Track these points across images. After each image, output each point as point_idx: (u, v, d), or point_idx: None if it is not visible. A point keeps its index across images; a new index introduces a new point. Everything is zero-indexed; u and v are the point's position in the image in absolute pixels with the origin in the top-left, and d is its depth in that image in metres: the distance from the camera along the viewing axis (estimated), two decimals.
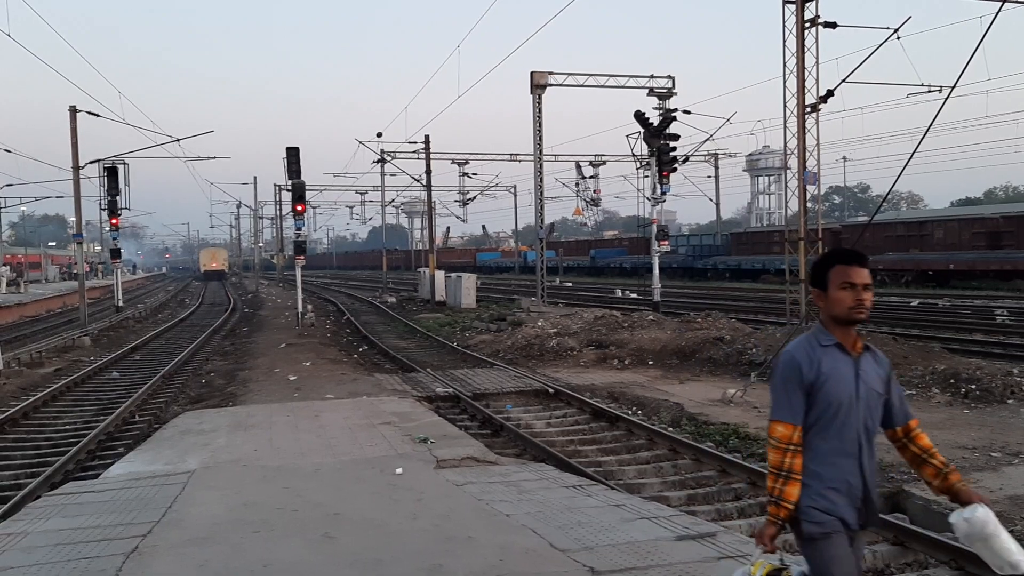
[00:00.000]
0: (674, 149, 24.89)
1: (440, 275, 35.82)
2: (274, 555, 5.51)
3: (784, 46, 17.84)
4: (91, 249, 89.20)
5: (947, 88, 16.37)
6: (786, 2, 17.72)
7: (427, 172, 38.61)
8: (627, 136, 27.38)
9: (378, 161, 45.08)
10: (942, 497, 3.11)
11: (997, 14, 9.82)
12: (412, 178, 43.07)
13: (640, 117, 25.14)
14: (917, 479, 7.80)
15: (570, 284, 50.75)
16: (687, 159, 28.82)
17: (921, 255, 38.86)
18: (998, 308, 24.23)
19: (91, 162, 30.90)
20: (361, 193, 78.19)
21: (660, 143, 24.55)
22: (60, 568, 5.32)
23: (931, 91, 19.65)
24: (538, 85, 29.29)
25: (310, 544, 5.72)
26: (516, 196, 73.02)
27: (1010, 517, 6.66)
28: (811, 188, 18.05)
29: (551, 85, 29.56)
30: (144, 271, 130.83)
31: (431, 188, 39.77)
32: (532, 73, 29.29)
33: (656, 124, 25.11)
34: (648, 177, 25.95)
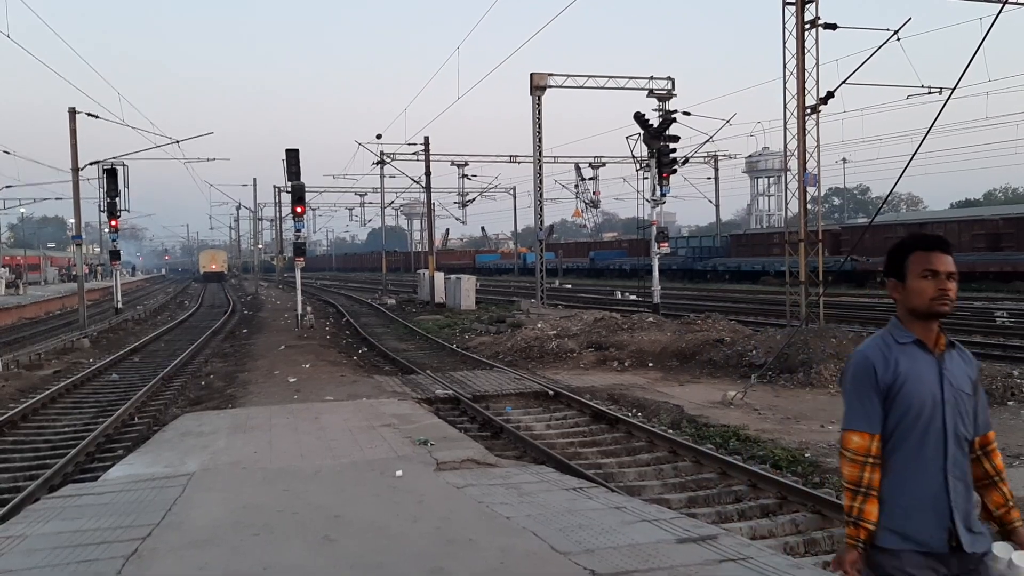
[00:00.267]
0: (674, 151, 24.89)
1: (439, 277, 35.82)
2: (274, 558, 5.49)
3: (784, 47, 17.86)
4: (90, 251, 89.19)
5: (947, 90, 16.35)
6: (786, 3, 17.74)
7: (427, 174, 38.62)
8: (627, 138, 27.36)
9: (378, 163, 45.10)
10: (990, 524, 2.83)
11: (998, 15, 9.82)
12: (412, 180, 43.06)
13: (640, 118, 25.13)
14: None
15: (570, 286, 50.77)
16: (687, 161, 28.82)
17: None
18: (998, 310, 24.24)
19: (90, 164, 30.90)
20: (360, 195, 78.37)
21: (660, 144, 24.55)
22: (59, 571, 5.30)
23: (931, 92, 19.67)
24: (538, 86, 29.31)
25: (310, 547, 5.70)
26: (515, 198, 73.18)
27: None
28: (811, 190, 18.07)
29: (551, 86, 29.58)
30: (143, 273, 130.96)
31: (430, 190, 39.77)
32: (532, 74, 29.32)
33: (656, 125, 25.11)
34: (648, 179, 25.94)
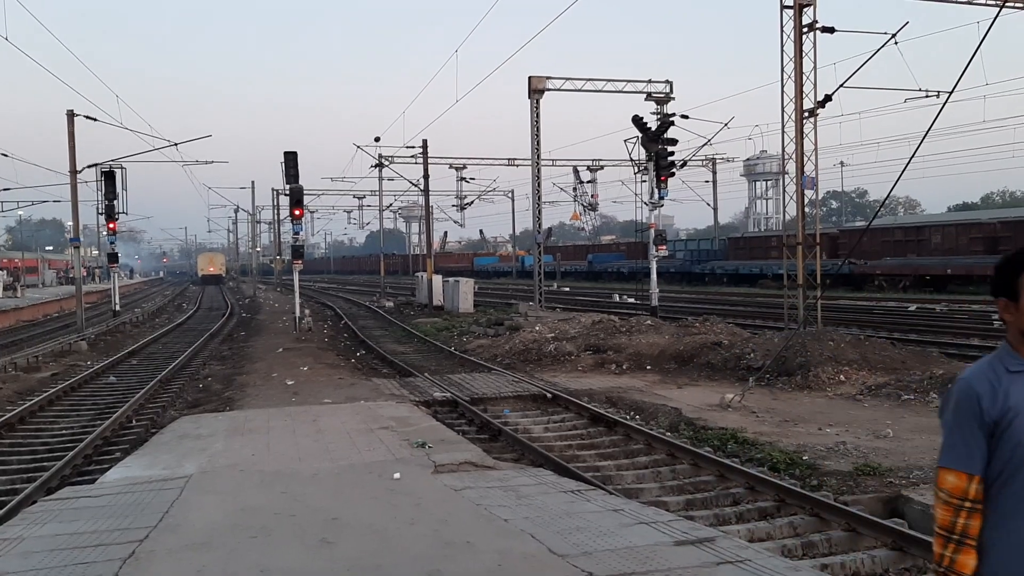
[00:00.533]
0: (672, 154, 24.91)
1: (438, 280, 35.83)
2: (272, 561, 5.49)
3: (782, 51, 17.90)
4: (88, 253, 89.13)
5: (945, 93, 16.39)
6: (784, 7, 17.78)
7: (425, 177, 38.61)
8: (625, 141, 27.40)
9: (376, 166, 45.11)
10: None
11: (995, 19, 9.85)
12: (410, 183, 43.02)
13: (638, 122, 25.14)
14: (915, 483, 7.82)
15: (568, 289, 50.78)
16: (685, 164, 28.87)
17: (919, 260, 38.91)
18: (995, 313, 24.26)
19: (88, 166, 30.82)
20: (359, 198, 78.27)
21: (658, 148, 24.56)
22: (56, 573, 5.30)
23: (928, 96, 19.72)
24: (536, 90, 29.33)
25: (308, 549, 5.70)
26: (514, 201, 73.06)
27: None
28: (809, 193, 18.09)
29: (549, 90, 29.60)
30: (141, 275, 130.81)
31: (429, 193, 39.77)
32: (530, 78, 29.34)
33: (654, 129, 25.12)
34: (646, 182, 25.95)
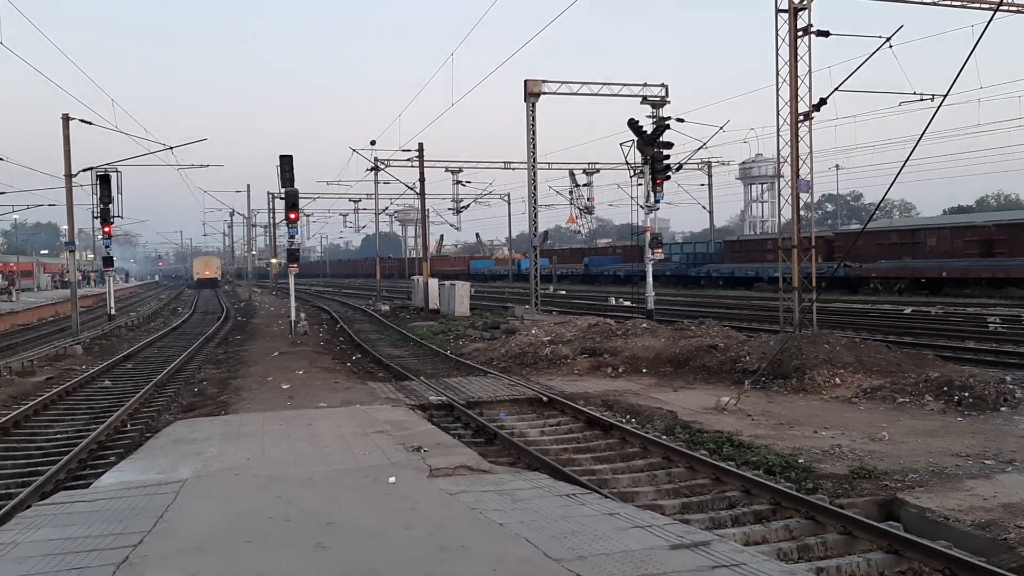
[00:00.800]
0: (667, 157, 24.92)
1: (434, 283, 35.81)
2: (267, 565, 5.48)
3: (777, 55, 17.93)
4: (84, 257, 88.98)
5: (939, 96, 16.41)
6: (779, 11, 17.81)
7: (421, 180, 38.59)
8: (620, 144, 27.39)
9: (372, 169, 45.10)
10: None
11: (989, 22, 9.87)
12: (406, 186, 42.95)
13: (634, 125, 25.15)
14: (911, 486, 7.83)
15: (564, 292, 50.81)
16: (680, 167, 28.84)
17: (914, 263, 39.00)
18: (991, 316, 24.32)
19: (84, 170, 30.72)
20: (355, 201, 78.05)
21: (653, 151, 24.58)
22: None
23: (923, 99, 19.73)
24: (532, 93, 29.34)
25: (303, 554, 5.69)
26: (510, 204, 72.93)
27: (1004, 525, 6.66)
28: (804, 196, 18.11)
29: (545, 93, 29.60)
30: (137, 279, 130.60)
31: (425, 196, 39.75)
32: (526, 81, 29.33)
33: (649, 132, 25.14)
34: (642, 185, 25.95)
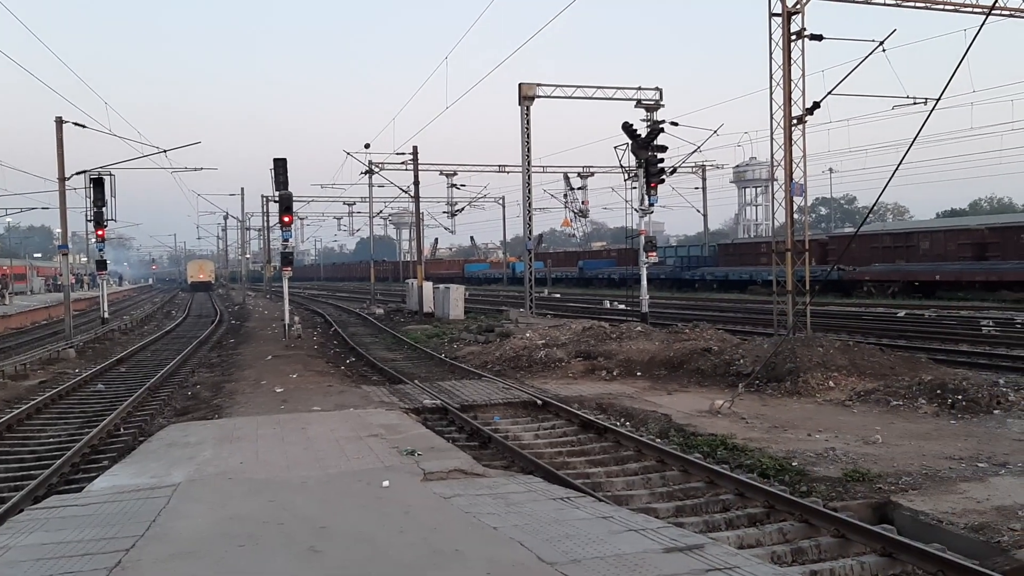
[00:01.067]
0: (662, 161, 24.95)
1: (428, 286, 35.77)
2: (260, 569, 5.47)
3: (771, 58, 17.97)
4: (77, 261, 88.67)
5: (932, 100, 16.50)
6: (773, 15, 17.86)
7: (415, 183, 38.60)
8: (615, 148, 27.33)
9: (366, 172, 45.06)
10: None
11: (981, 27, 9.90)
12: (400, 189, 43.02)
13: (628, 129, 25.18)
14: (904, 489, 7.84)
15: (558, 295, 50.80)
16: (675, 171, 28.92)
17: (907, 266, 39.11)
18: (984, 319, 24.39)
19: (77, 173, 30.72)
20: (349, 204, 78.14)
21: (648, 155, 24.59)
22: None
23: (916, 103, 19.84)
24: (526, 97, 29.35)
25: (296, 558, 5.67)
26: (504, 207, 72.99)
27: (997, 528, 6.67)
28: (798, 199, 18.16)
29: (539, 97, 29.61)
30: (131, 283, 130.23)
31: (419, 199, 39.76)
32: (520, 85, 29.36)
33: (644, 136, 25.15)
34: (636, 188, 25.96)
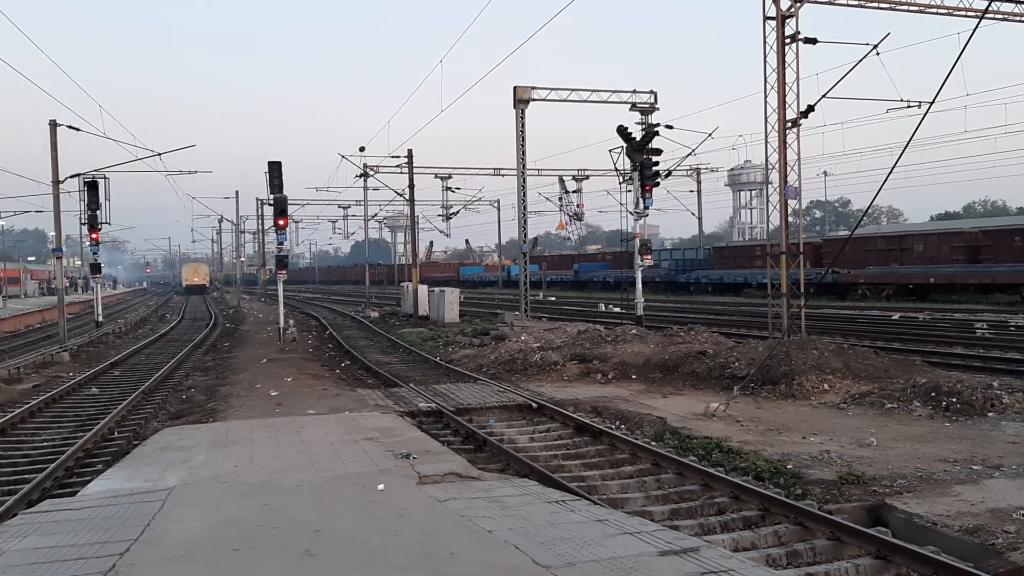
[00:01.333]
0: (656, 164, 25.00)
1: (423, 289, 35.76)
2: (254, 573, 5.45)
3: (765, 62, 18.02)
4: (71, 264, 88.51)
5: (926, 103, 16.51)
6: (767, 18, 17.91)
7: (410, 186, 38.57)
8: (610, 151, 27.43)
9: (361, 175, 45.05)
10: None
11: (974, 30, 9.95)
12: (395, 192, 42.99)
13: (623, 132, 25.23)
14: (899, 492, 7.85)
15: (553, 298, 50.82)
16: (669, 174, 28.92)
17: (902, 269, 39.20)
18: (978, 321, 24.46)
19: (71, 176, 30.55)
20: (344, 207, 78.19)
21: (643, 158, 24.65)
22: None
23: (910, 106, 19.85)
24: (521, 100, 29.39)
25: (291, 561, 5.66)
26: (499, 210, 73.26)
27: (991, 530, 6.68)
28: (792, 202, 18.19)
29: (534, 100, 29.66)
30: (125, 286, 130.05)
31: (414, 202, 39.74)
32: (515, 88, 29.39)
33: (639, 139, 25.21)
34: (631, 191, 26.03)
